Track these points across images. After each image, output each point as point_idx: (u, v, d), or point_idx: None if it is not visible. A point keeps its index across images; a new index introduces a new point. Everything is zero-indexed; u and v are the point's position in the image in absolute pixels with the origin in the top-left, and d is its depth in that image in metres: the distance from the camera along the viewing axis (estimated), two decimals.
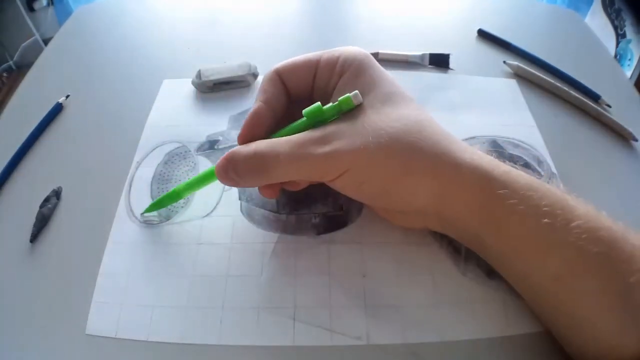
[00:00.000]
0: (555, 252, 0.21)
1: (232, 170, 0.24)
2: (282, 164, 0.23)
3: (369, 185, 0.23)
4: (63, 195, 0.32)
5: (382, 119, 0.23)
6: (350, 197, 0.25)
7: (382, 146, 0.22)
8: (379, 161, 0.22)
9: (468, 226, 0.24)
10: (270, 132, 0.26)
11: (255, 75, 0.39)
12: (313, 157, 0.22)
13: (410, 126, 0.23)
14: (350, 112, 0.23)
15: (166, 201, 0.29)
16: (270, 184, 0.25)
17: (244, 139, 0.25)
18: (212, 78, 0.38)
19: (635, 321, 0.20)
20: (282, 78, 0.26)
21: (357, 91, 0.23)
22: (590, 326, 0.21)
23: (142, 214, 0.30)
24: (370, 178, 0.23)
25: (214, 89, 0.39)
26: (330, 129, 0.23)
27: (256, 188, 0.29)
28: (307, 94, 0.27)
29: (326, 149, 0.22)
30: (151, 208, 0.29)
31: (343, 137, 0.23)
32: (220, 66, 0.39)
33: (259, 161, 0.23)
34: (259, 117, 0.25)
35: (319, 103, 0.23)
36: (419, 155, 0.22)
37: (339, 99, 0.23)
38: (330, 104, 0.23)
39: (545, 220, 0.21)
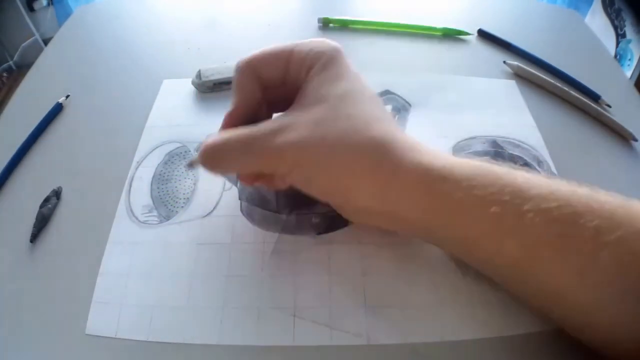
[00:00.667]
0: (509, 238, 0.21)
1: (201, 161, 0.25)
2: (232, 156, 0.24)
3: (316, 183, 0.24)
4: (63, 195, 0.32)
5: (334, 117, 0.23)
6: (305, 192, 0.25)
7: (326, 145, 0.22)
8: (321, 159, 0.22)
9: (417, 224, 0.24)
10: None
11: None
12: (260, 150, 0.23)
13: (359, 127, 0.23)
14: (307, 106, 0.24)
15: None
16: (245, 174, 0.26)
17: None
18: (212, 78, 0.38)
19: (608, 298, 0.20)
20: (256, 70, 0.26)
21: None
22: (561, 306, 0.22)
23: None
24: (316, 176, 0.23)
25: (214, 89, 0.39)
26: (285, 120, 0.23)
27: (256, 189, 0.29)
28: (279, 83, 0.27)
29: (274, 142, 0.23)
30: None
31: (294, 130, 0.23)
32: (220, 66, 0.39)
33: (215, 152, 0.24)
34: (236, 116, 0.25)
35: None
36: (360, 153, 0.22)
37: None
38: None
39: (494, 209, 0.21)
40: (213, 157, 0.24)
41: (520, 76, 0.41)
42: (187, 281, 0.27)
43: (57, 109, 0.38)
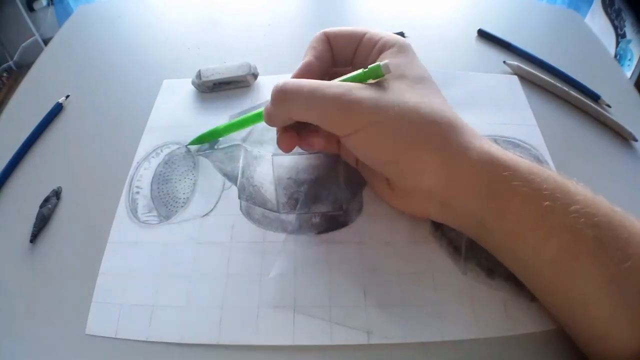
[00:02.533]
0: (553, 235, 0.22)
1: (273, 94, 0.25)
2: (301, 98, 0.24)
3: (381, 149, 0.24)
4: (63, 195, 0.32)
5: (409, 94, 0.24)
6: (361, 158, 0.26)
7: (402, 114, 0.23)
8: (395, 126, 0.23)
9: (471, 209, 0.24)
10: None
11: (255, 76, 0.39)
12: (333, 99, 0.23)
13: (433, 107, 0.24)
14: (383, 82, 0.24)
15: (207, 137, 0.32)
16: (288, 135, 0.26)
17: None
18: (212, 78, 0.38)
19: (627, 307, 0.21)
20: (329, 40, 0.28)
21: (387, 61, 0.24)
22: (584, 311, 0.22)
23: (187, 145, 0.34)
24: (384, 141, 0.23)
25: (214, 89, 0.39)
26: (362, 85, 0.24)
27: (256, 188, 0.29)
28: (347, 62, 0.28)
29: (352, 94, 0.23)
30: (195, 141, 0.33)
31: (369, 93, 0.23)
32: (221, 66, 0.39)
33: (285, 90, 0.24)
34: (308, 69, 0.26)
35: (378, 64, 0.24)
36: (434, 132, 0.23)
37: (369, 66, 0.24)
38: (361, 70, 0.24)
39: (547, 203, 0.21)
40: (286, 92, 0.24)
41: (520, 76, 0.41)
42: (187, 281, 0.27)
43: (57, 109, 0.38)
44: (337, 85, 0.24)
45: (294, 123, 0.26)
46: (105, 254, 0.28)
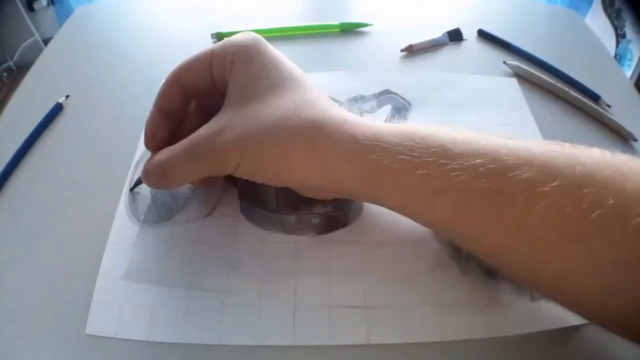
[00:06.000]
0: (438, 199, 0.22)
1: (150, 180, 0.26)
2: (179, 168, 0.25)
3: (262, 172, 0.25)
4: (63, 195, 0.32)
5: (266, 108, 0.24)
6: (254, 180, 0.26)
7: (264, 135, 0.23)
8: (262, 150, 0.24)
9: (359, 193, 0.25)
10: (172, 132, 0.27)
11: None
12: (205, 155, 0.24)
13: (291, 112, 0.24)
14: (241, 102, 0.25)
15: None
16: (193, 180, 0.27)
17: (149, 145, 0.27)
18: None
19: (552, 250, 0.20)
20: (180, 80, 0.27)
21: None
22: (504, 261, 0.22)
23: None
24: (260, 166, 0.24)
25: None
26: (220, 121, 0.24)
27: (256, 188, 0.29)
28: (209, 88, 0.27)
29: (217, 144, 0.24)
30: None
31: (232, 129, 0.24)
32: None
33: (160, 170, 0.25)
34: (153, 124, 0.27)
35: None
36: (297, 139, 0.23)
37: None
38: None
39: (419, 171, 0.21)
40: (162, 174, 0.25)
41: (520, 76, 0.41)
42: (187, 281, 0.27)
43: (57, 109, 0.38)
44: (201, 139, 0.24)
45: None
46: (105, 254, 0.28)
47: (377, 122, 0.24)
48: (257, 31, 0.27)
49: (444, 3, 0.52)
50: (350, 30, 0.47)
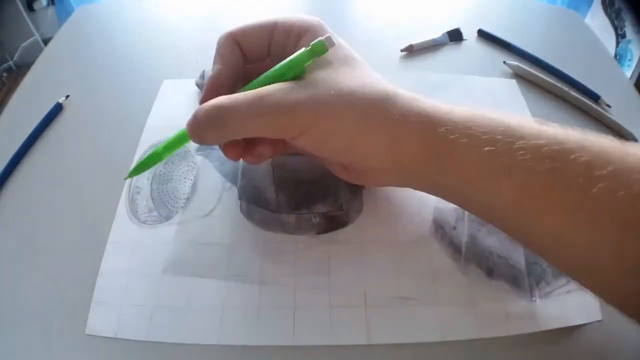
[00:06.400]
0: (504, 177, 0.21)
1: (196, 127, 0.23)
2: (241, 115, 0.22)
3: (332, 140, 0.24)
4: (63, 195, 0.32)
5: (340, 77, 0.24)
6: (313, 153, 0.26)
7: (341, 99, 0.23)
8: (338, 113, 0.23)
9: (421, 172, 0.24)
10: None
11: None
12: (274, 108, 0.22)
13: (367, 83, 0.24)
14: (313, 70, 0.24)
15: (148, 163, 0.27)
16: (234, 143, 0.25)
17: (209, 92, 0.25)
18: None
19: (602, 233, 0.20)
20: (238, 42, 0.26)
21: (329, 34, 0.24)
22: (558, 245, 0.22)
23: (125, 178, 0.28)
24: (333, 131, 0.23)
25: None
26: (292, 84, 0.23)
27: (256, 188, 0.29)
28: (263, 57, 0.27)
29: (289, 99, 0.22)
30: (134, 172, 0.27)
31: (305, 91, 0.23)
32: None
33: (218, 114, 0.23)
34: (219, 80, 0.25)
35: (302, 50, 0.24)
36: (371, 107, 0.23)
37: (312, 43, 0.23)
38: (303, 49, 0.24)
39: (488, 148, 0.21)
40: (219, 118, 0.23)
41: (520, 76, 0.41)
42: (187, 281, 0.27)
43: (57, 109, 0.38)
44: (271, 92, 0.23)
45: None
46: (105, 254, 0.28)
47: (440, 103, 0.24)
48: None
49: (444, 3, 0.52)
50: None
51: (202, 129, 0.23)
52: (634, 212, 0.19)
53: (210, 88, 0.25)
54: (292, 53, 0.24)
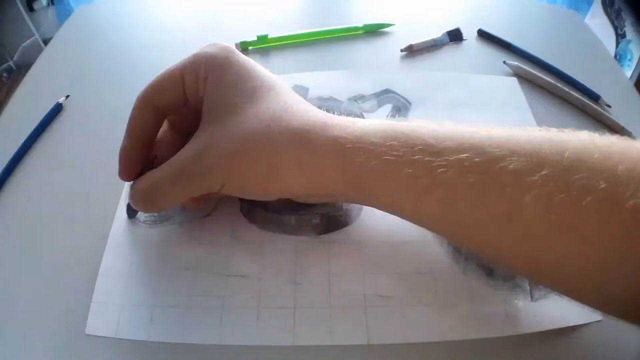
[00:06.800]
0: (425, 197, 0.21)
1: (136, 204, 0.25)
2: (165, 194, 0.24)
3: (250, 188, 0.25)
4: (63, 195, 0.32)
5: (245, 121, 0.23)
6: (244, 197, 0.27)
7: (247, 153, 0.23)
8: (247, 166, 0.23)
9: (348, 196, 0.25)
10: (149, 157, 0.27)
11: None
12: (191, 178, 0.24)
13: (271, 121, 0.23)
14: (220, 118, 0.24)
15: None
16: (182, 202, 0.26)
17: (125, 177, 0.26)
18: None
19: (549, 239, 0.19)
20: (151, 101, 0.26)
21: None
22: (501, 254, 0.22)
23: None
24: (247, 182, 0.24)
25: None
26: (200, 141, 0.24)
27: None
28: (182, 104, 0.27)
29: (201, 166, 0.23)
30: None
31: (214, 147, 0.23)
32: None
33: (147, 197, 0.25)
34: (127, 155, 0.26)
35: None
36: (281, 151, 0.23)
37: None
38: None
39: (407, 170, 0.21)
40: (151, 201, 0.25)
41: (520, 76, 0.41)
42: (187, 281, 0.27)
43: (57, 109, 0.38)
44: (183, 162, 0.24)
45: None
46: (105, 254, 0.28)
47: (358, 122, 0.24)
48: (280, 38, 0.27)
49: (444, 3, 0.52)
50: (374, 31, 0.47)
51: (141, 206, 0.26)
52: (576, 214, 0.18)
53: (121, 157, 0.26)
54: (206, 93, 0.25)
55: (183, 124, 0.28)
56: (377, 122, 0.23)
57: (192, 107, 0.26)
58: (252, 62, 0.26)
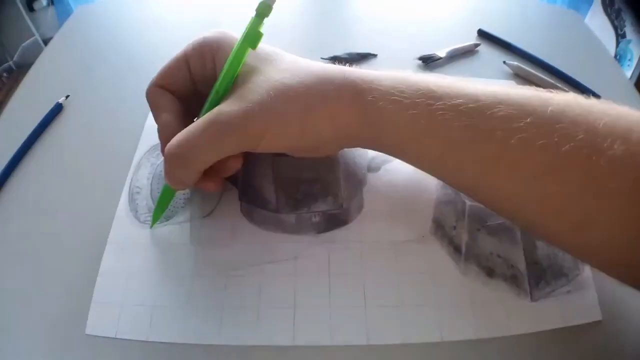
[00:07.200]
0: (428, 138, 0.23)
1: (167, 172, 0.24)
2: (199, 144, 0.23)
3: (285, 138, 0.25)
4: (63, 195, 0.32)
5: (271, 77, 0.25)
6: (275, 150, 0.27)
7: (281, 97, 0.24)
8: (283, 113, 0.24)
9: (361, 137, 0.26)
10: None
11: None
12: (227, 128, 0.23)
13: (296, 72, 0.25)
14: (245, 80, 0.25)
15: (164, 201, 0.29)
16: (207, 178, 0.25)
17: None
18: None
19: (527, 182, 0.21)
20: (164, 87, 0.27)
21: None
22: (483, 192, 0.24)
23: (151, 227, 0.30)
24: (284, 132, 0.24)
25: None
26: (234, 99, 0.24)
27: (256, 188, 0.29)
28: (191, 89, 0.27)
29: (238, 116, 0.23)
30: (157, 215, 0.29)
31: (247, 101, 0.24)
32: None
33: (178, 151, 0.23)
34: (169, 129, 0.25)
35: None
36: (311, 92, 0.24)
37: (256, 8, 0.25)
38: (251, 17, 0.25)
39: (410, 111, 0.23)
40: (180, 155, 0.23)
41: (520, 76, 0.41)
42: (187, 281, 0.27)
43: (57, 109, 0.38)
44: (219, 113, 0.23)
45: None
46: (105, 254, 0.28)
47: (370, 71, 0.25)
48: None
49: (444, 3, 0.52)
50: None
51: (171, 172, 0.24)
52: (556, 158, 0.20)
53: (165, 139, 0.25)
54: (213, 72, 0.25)
55: (191, 113, 0.28)
56: (390, 71, 0.25)
57: (199, 92, 0.27)
58: None
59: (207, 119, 0.24)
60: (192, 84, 0.27)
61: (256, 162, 0.29)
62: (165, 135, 0.25)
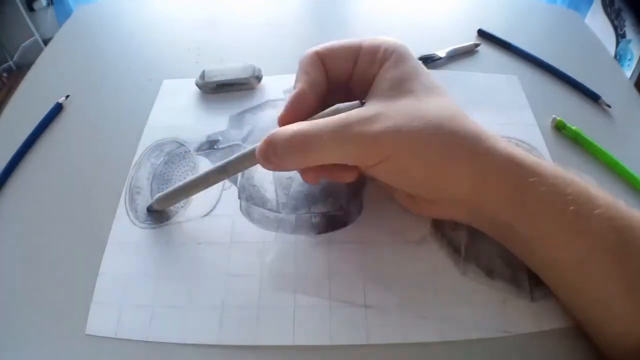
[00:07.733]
0: (580, 239, 0.22)
1: (272, 154, 0.23)
2: (325, 143, 0.22)
3: (411, 172, 0.23)
4: (63, 195, 0.32)
5: (425, 106, 0.23)
6: (390, 184, 0.25)
7: (424, 133, 0.22)
8: (422, 144, 0.22)
9: (499, 213, 0.24)
10: (309, 117, 0.25)
11: (258, 79, 0.39)
12: (358, 137, 0.22)
13: (451, 115, 0.23)
14: (395, 98, 0.24)
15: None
16: (314, 168, 0.24)
17: (284, 121, 0.24)
18: (215, 79, 0.38)
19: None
20: (323, 61, 0.26)
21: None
22: (608, 310, 0.22)
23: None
24: (412, 164, 0.23)
25: (217, 90, 0.39)
26: (375, 110, 0.23)
27: (256, 188, 0.29)
28: (345, 79, 0.26)
29: (371, 130, 0.22)
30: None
31: (388, 119, 0.22)
32: (225, 68, 0.39)
33: (300, 141, 0.23)
34: (302, 100, 0.24)
35: None
36: (459, 140, 0.23)
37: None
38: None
39: (572, 207, 0.22)
40: (303, 144, 0.22)
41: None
42: (187, 281, 0.27)
43: (57, 109, 0.38)
44: (354, 120, 0.22)
45: None
46: (105, 254, 0.28)
47: (526, 152, 0.24)
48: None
49: (444, 3, 0.51)
50: None
51: (281, 154, 0.23)
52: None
53: (292, 107, 0.24)
54: (374, 76, 0.25)
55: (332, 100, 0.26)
56: (546, 161, 0.25)
57: (354, 85, 0.26)
58: (422, 64, 0.26)
59: (341, 120, 0.22)
60: (348, 77, 0.26)
61: None
62: (294, 105, 0.24)
